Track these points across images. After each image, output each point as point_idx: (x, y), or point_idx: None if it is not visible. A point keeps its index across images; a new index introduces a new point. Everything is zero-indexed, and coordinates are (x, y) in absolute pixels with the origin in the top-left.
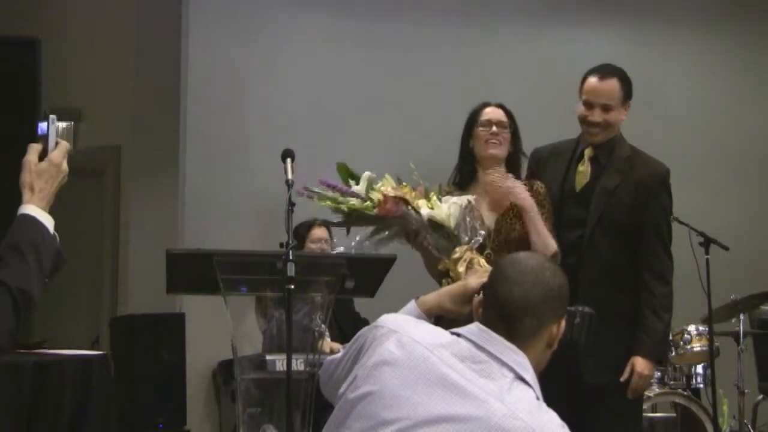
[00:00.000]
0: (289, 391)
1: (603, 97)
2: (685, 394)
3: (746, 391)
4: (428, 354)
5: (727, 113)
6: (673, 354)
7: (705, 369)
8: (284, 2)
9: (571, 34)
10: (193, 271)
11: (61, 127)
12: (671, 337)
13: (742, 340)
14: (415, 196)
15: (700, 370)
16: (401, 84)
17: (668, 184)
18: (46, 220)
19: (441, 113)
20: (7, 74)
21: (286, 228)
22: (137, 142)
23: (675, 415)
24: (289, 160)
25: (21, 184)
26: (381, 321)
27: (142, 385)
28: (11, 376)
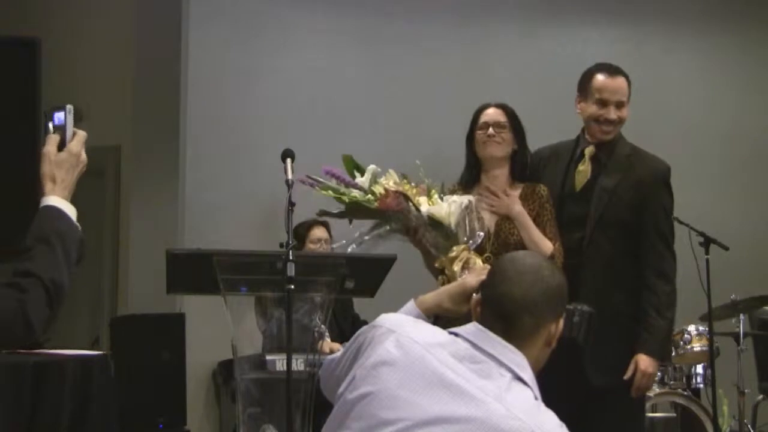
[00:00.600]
0: (289, 391)
1: (618, 93)
2: (685, 394)
3: (746, 391)
4: (426, 354)
5: (727, 113)
6: (673, 354)
7: (705, 369)
8: (284, 2)
9: (571, 34)
10: (193, 271)
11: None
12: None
13: (742, 341)
14: (416, 193)
15: (700, 370)
16: (401, 84)
17: (669, 182)
18: (70, 210)
19: (441, 113)
20: (7, 74)
21: (286, 228)
22: (137, 142)
23: (675, 415)
24: (289, 160)
25: (41, 176)
26: (380, 320)
27: (142, 385)
28: (11, 376)
